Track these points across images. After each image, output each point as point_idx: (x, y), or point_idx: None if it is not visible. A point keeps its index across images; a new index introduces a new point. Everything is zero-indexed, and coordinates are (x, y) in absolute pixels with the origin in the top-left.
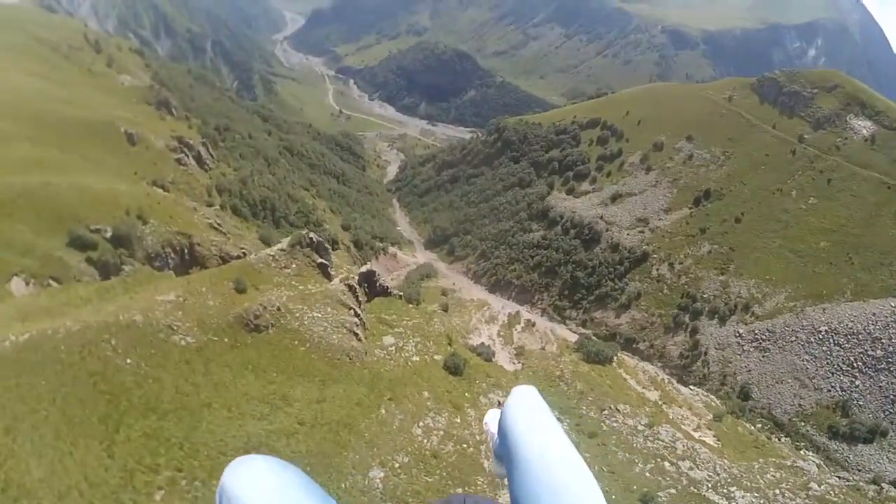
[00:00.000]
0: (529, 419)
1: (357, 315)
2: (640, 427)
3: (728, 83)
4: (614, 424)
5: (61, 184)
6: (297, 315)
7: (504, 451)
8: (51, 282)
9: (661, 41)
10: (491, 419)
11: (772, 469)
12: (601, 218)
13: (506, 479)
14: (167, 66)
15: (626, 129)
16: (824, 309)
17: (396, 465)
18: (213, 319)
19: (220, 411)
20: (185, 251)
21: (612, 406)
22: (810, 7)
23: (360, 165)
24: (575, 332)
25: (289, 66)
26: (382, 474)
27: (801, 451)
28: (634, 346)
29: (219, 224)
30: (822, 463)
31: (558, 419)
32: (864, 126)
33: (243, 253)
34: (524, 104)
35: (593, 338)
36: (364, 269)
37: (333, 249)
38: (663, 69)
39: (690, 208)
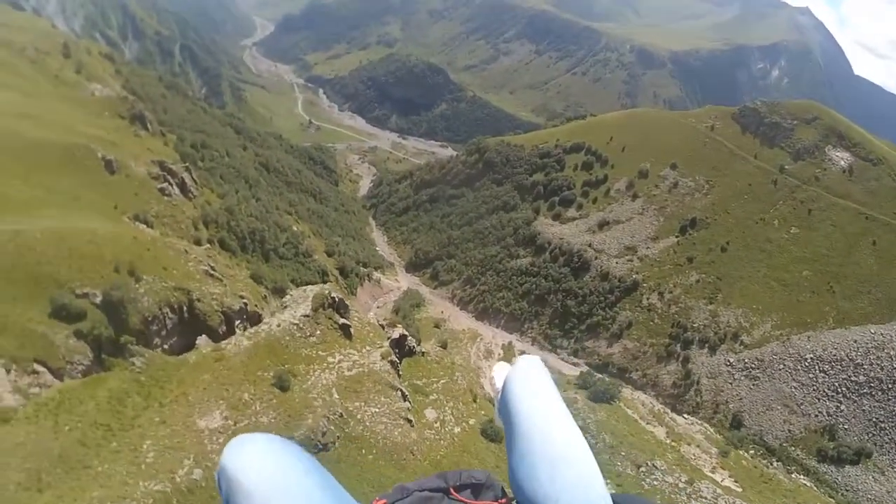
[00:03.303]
0: (532, 392)
1: (404, 396)
2: (680, 485)
3: (710, 112)
4: (655, 482)
5: (33, 232)
6: (358, 416)
7: (504, 415)
8: (35, 366)
9: (630, 60)
10: (498, 374)
11: None
12: (590, 245)
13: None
14: (138, 73)
15: (610, 155)
16: (809, 337)
17: None
18: None
19: None
20: (185, 309)
21: (650, 463)
22: (773, 29)
23: (333, 180)
24: (567, 363)
25: (257, 73)
26: None
27: (793, 475)
28: (627, 375)
29: (213, 268)
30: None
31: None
32: (842, 157)
33: (245, 304)
34: (495, 119)
35: (594, 373)
36: (396, 334)
37: (324, 282)
38: (631, 87)
39: (677, 237)
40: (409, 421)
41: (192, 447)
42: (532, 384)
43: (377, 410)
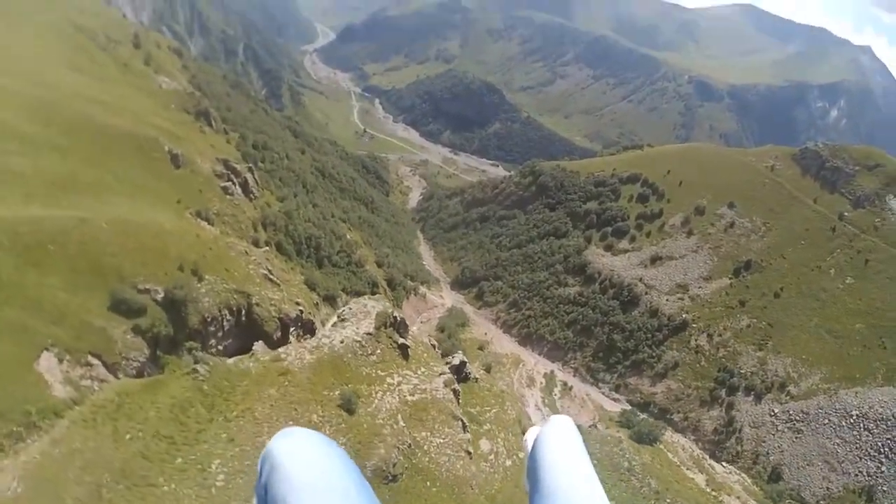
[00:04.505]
0: (560, 453)
1: (464, 426)
2: None
3: (770, 151)
4: None
5: (99, 221)
6: (425, 447)
7: (532, 472)
8: (90, 359)
9: (687, 91)
10: (531, 437)
11: None
12: (640, 280)
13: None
14: (204, 70)
15: (667, 189)
16: (857, 392)
17: None
18: None
19: None
20: (243, 312)
21: None
22: (834, 68)
23: (385, 190)
24: (609, 398)
25: (316, 79)
26: None
27: None
28: (668, 416)
29: (270, 272)
30: None
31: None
32: None
33: (300, 311)
34: (548, 142)
35: (637, 412)
36: (456, 360)
37: (373, 294)
38: (687, 119)
39: (730, 278)
40: (469, 453)
41: None
42: (562, 443)
43: (442, 441)
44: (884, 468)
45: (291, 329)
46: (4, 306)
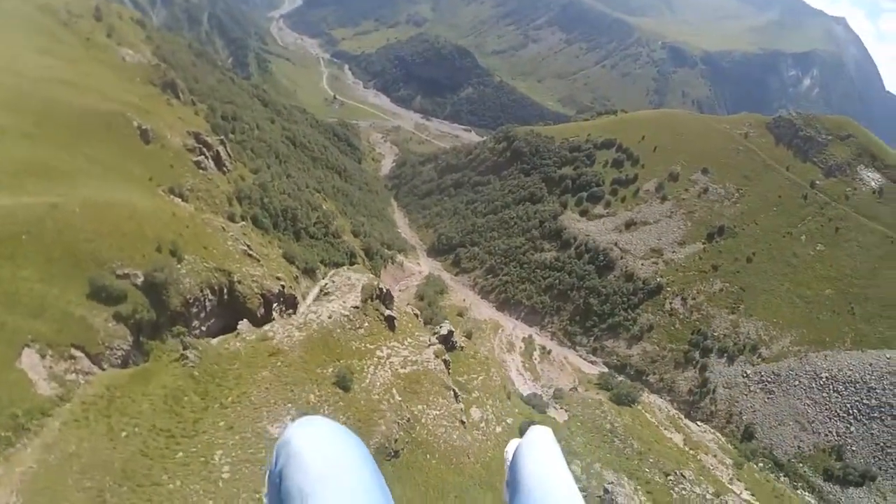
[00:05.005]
0: (539, 459)
1: (456, 396)
2: (707, 496)
3: (744, 119)
4: (683, 492)
5: (72, 205)
6: (423, 420)
7: (511, 478)
8: (73, 352)
9: (661, 57)
10: (511, 448)
11: None
12: (616, 245)
13: None
14: (169, 40)
15: (641, 155)
16: (826, 356)
17: None
18: None
19: None
20: (225, 291)
21: (677, 472)
22: (809, 37)
23: (357, 158)
24: (586, 360)
25: (283, 46)
26: None
27: (799, 492)
28: (644, 378)
29: (249, 247)
30: None
31: (568, 463)
32: (873, 178)
33: (282, 286)
34: (521, 107)
35: (615, 374)
36: (444, 330)
37: (352, 264)
38: (660, 85)
39: (704, 243)
40: (463, 423)
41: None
42: (541, 452)
43: (437, 413)
44: (852, 429)
45: (274, 305)
46: None
